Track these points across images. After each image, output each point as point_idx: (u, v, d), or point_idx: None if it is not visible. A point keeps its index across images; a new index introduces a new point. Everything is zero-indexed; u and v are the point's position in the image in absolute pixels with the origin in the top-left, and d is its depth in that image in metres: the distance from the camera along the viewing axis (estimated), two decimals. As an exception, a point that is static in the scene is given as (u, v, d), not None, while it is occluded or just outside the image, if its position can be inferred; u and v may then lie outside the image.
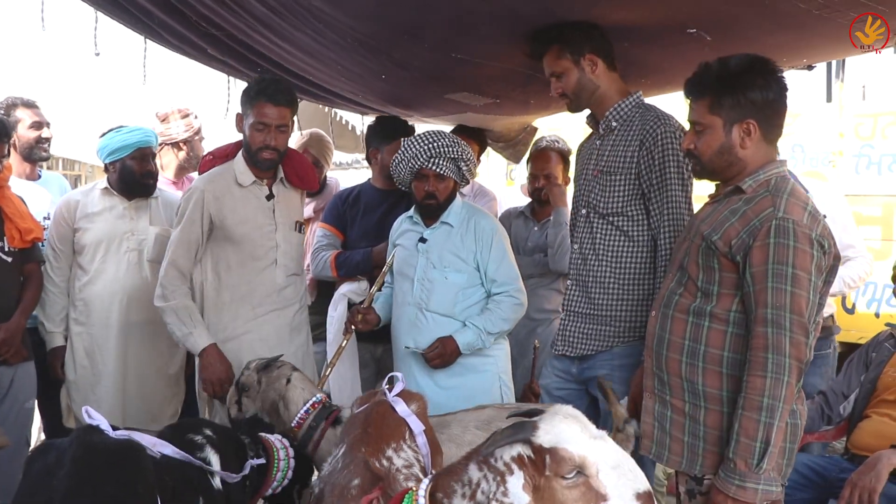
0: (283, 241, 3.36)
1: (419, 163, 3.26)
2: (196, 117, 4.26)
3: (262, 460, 2.64)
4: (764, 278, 2.16)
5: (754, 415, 2.13)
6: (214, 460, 2.48)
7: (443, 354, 3.22)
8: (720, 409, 2.27)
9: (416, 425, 2.40)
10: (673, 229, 2.73)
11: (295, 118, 3.42)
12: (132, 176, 3.65)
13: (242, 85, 3.88)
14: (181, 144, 4.21)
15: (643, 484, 1.67)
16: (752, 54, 2.33)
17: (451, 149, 3.27)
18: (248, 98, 3.21)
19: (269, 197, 3.35)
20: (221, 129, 3.39)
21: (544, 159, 4.43)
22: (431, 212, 3.36)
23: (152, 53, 3.60)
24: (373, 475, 2.11)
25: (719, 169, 2.38)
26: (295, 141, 4.49)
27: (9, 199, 3.40)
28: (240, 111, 3.30)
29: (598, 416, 2.93)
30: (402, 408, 2.44)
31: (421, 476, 2.18)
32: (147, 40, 3.52)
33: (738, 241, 2.22)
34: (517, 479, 1.66)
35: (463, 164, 3.32)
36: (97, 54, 3.29)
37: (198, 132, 4.25)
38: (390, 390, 2.54)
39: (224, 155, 3.40)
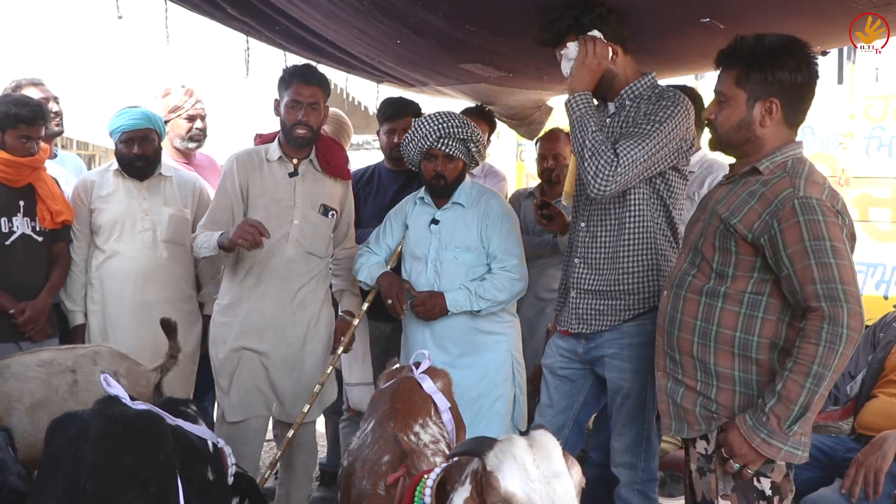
0: (302, 218, 3.41)
1: (429, 142, 3.28)
2: (200, 101, 4.27)
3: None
4: (804, 256, 2.14)
5: (800, 379, 2.12)
6: (209, 433, 2.54)
7: (425, 303, 3.26)
8: (732, 387, 2.30)
9: (442, 402, 2.45)
10: (631, 153, 2.62)
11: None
12: (122, 159, 3.69)
13: (261, 46, 3.90)
14: (187, 118, 4.22)
15: None
16: (789, 35, 2.31)
17: (460, 130, 3.28)
18: (284, 82, 3.40)
19: (293, 174, 3.42)
20: (241, 91, 3.44)
21: (553, 140, 4.44)
22: (439, 192, 3.38)
23: (171, 19, 3.61)
24: (401, 451, 2.16)
25: (735, 143, 2.37)
26: None
27: (43, 181, 3.49)
28: (276, 97, 3.45)
29: (604, 393, 2.95)
30: (428, 384, 2.49)
31: (446, 451, 2.23)
32: (167, 1, 3.53)
33: (761, 223, 2.22)
34: (464, 492, 1.72)
35: (472, 145, 3.33)
36: (120, 17, 3.33)
37: (201, 111, 4.28)
38: (416, 367, 2.58)
39: (271, 138, 3.55)
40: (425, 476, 1.91)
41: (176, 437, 2.31)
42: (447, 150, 3.28)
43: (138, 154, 3.65)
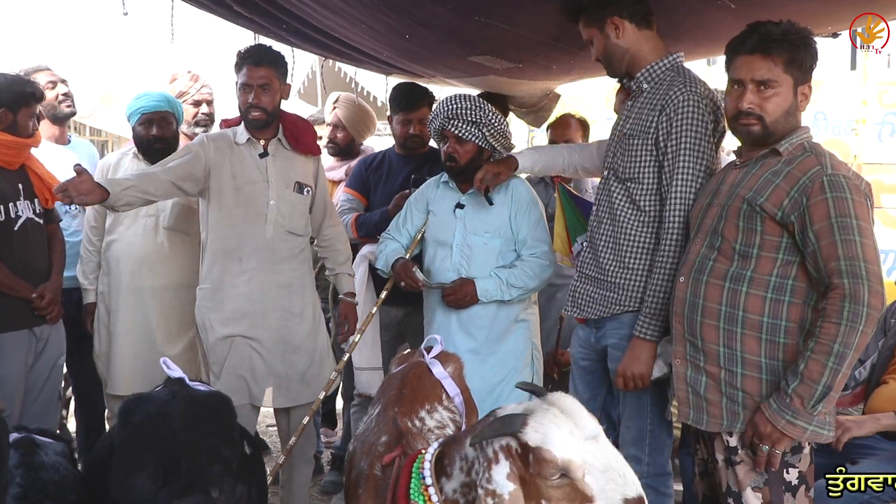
0: (277, 198, 3.37)
1: (439, 122, 3.29)
2: (207, 85, 4.28)
3: None
4: (830, 232, 2.15)
5: (822, 359, 2.12)
6: None
7: (456, 292, 3.24)
8: (759, 375, 2.28)
9: (452, 388, 2.44)
10: (680, 204, 2.62)
11: (319, 80, 3.44)
12: (140, 141, 3.71)
13: (270, 42, 3.91)
14: (192, 103, 4.23)
15: (633, 489, 1.64)
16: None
17: (471, 112, 3.24)
18: (237, 65, 3.36)
19: (263, 155, 3.38)
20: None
21: (564, 125, 4.44)
22: (454, 174, 3.37)
23: (178, 14, 3.61)
24: (399, 432, 2.15)
25: (780, 132, 2.32)
26: (330, 104, 4.54)
27: (33, 158, 3.47)
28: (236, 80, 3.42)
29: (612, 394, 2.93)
30: (438, 370, 2.48)
31: None
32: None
33: (790, 201, 2.21)
34: (503, 469, 1.67)
35: (486, 129, 3.26)
36: (125, 14, 3.33)
37: (207, 96, 4.29)
38: (428, 352, 2.58)
39: (237, 122, 3.49)
40: (423, 452, 1.91)
41: None
42: (456, 132, 3.27)
43: (157, 136, 3.66)
